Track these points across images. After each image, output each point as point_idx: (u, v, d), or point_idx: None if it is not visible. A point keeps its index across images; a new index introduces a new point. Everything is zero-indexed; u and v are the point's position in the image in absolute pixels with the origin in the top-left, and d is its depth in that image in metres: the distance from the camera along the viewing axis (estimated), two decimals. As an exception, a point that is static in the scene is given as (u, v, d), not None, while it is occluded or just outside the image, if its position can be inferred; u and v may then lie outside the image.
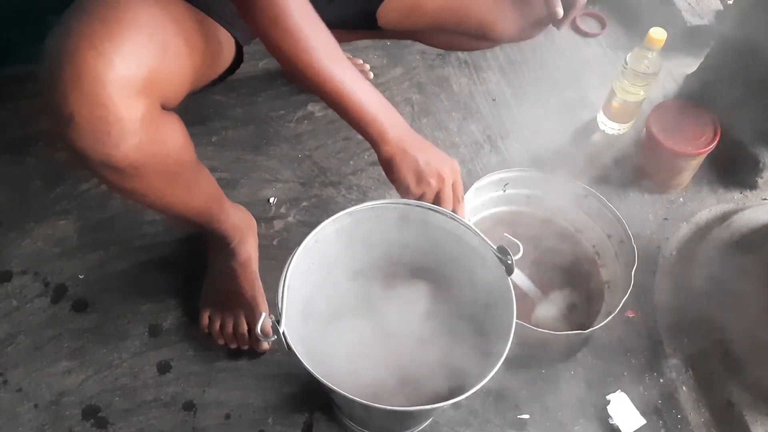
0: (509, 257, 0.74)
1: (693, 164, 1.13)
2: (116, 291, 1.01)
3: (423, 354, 0.89)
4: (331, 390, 0.67)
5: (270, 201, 1.12)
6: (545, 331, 0.85)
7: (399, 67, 1.34)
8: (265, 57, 1.31)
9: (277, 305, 0.70)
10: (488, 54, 1.38)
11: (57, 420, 0.89)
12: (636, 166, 1.18)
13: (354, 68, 0.71)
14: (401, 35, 1.05)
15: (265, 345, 0.95)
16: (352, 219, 0.79)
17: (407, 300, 0.85)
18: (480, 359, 0.76)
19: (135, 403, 0.91)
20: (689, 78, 1.28)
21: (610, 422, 0.92)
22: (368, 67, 1.31)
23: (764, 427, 0.90)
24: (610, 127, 1.25)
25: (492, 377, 0.69)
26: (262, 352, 0.95)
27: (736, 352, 0.96)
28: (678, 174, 1.15)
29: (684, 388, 0.96)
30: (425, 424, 0.90)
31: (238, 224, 0.96)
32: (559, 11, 0.85)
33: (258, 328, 0.69)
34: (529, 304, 0.95)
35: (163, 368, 0.94)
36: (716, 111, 1.12)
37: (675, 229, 1.12)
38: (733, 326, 0.97)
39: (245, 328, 0.94)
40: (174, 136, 0.73)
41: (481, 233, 0.78)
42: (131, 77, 0.62)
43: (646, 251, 1.07)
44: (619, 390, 0.95)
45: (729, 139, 1.12)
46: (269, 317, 0.69)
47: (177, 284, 1.02)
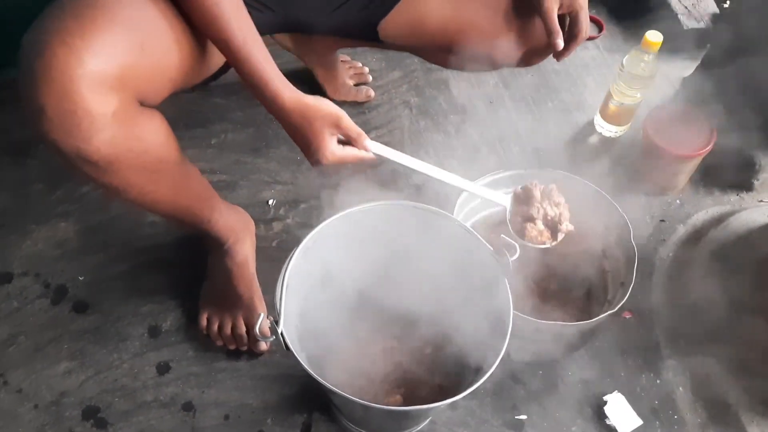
0: (506, 258, 0.75)
1: (689, 166, 1.14)
2: (116, 292, 1.01)
3: (421, 354, 0.90)
4: (330, 390, 0.68)
5: (269, 203, 1.13)
6: (543, 322, 0.85)
7: (398, 71, 1.35)
8: (265, 60, 1.32)
9: (276, 306, 0.71)
10: (486, 57, 1.39)
11: (57, 421, 0.90)
12: (633, 169, 1.18)
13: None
14: (402, 49, 1.06)
15: (264, 346, 0.95)
16: (351, 220, 0.80)
17: (405, 300, 0.86)
18: (477, 358, 0.76)
19: (135, 404, 0.92)
20: (686, 81, 1.29)
21: (608, 423, 0.92)
22: (367, 70, 1.31)
23: (760, 428, 0.91)
24: (608, 130, 1.25)
25: (489, 377, 0.69)
26: (261, 353, 0.96)
27: (733, 354, 0.96)
28: (675, 176, 1.15)
29: (681, 389, 0.96)
30: (423, 425, 0.90)
31: (233, 225, 0.97)
32: (560, 43, 0.85)
33: (257, 329, 0.70)
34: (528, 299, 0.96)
35: (163, 369, 0.95)
36: (712, 113, 1.12)
37: (672, 231, 1.13)
38: (730, 328, 0.98)
39: (243, 329, 0.94)
40: (153, 133, 0.73)
41: (479, 234, 0.79)
42: (101, 73, 0.63)
43: (643, 253, 1.07)
44: (617, 391, 0.95)
45: (725, 142, 1.12)
46: (268, 318, 0.69)
47: (177, 286, 1.02)
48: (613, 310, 0.86)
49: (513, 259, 0.75)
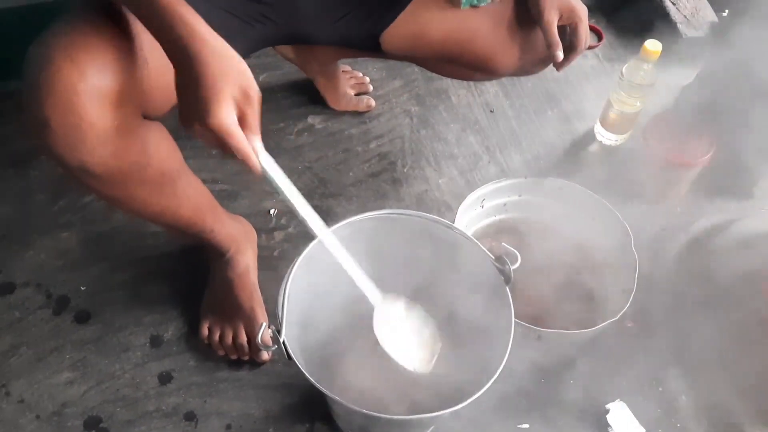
0: (507, 266, 0.75)
1: (690, 174, 1.14)
2: (118, 302, 1.01)
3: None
4: (332, 399, 0.68)
5: (271, 212, 1.13)
6: (544, 330, 0.85)
7: (398, 80, 1.36)
8: (266, 71, 1.32)
9: (278, 315, 0.71)
10: (486, 66, 1.39)
11: (59, 431, 0.90)
12: (633, 177, 1.19)
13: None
14: (403, 59, 1.07)
15: (266, 355, 0.95)
16: (352, 230, 0.80)
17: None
18: (479, 367, 0.76)
19: (136, 414, 0.92)
20: (685, 89, 1.29)
21: None
22: (368, 80, 1.32)
23: (763, 436, 0.91)
24: (608, 138, 1.26)
25: (492, 386, 0.69)
26: (263, 363, 0.96)
27: (736, 362, 0.96)
28: (675, 184, 1.16)
29: (684, 398, 0.96)
30: (425, 434, 0.90)
31: (234, 234, 0.97)
32: (560, 54, 0.86)
33: (258, 339, 0.70)
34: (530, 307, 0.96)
35: (165, 379, 0.95)
36: (712, 122, 1.13)
37: (672, 239, 1.13)
38: (733, 335, 0.97)
39: (244, 339, 0.94)
40: (156, 146, 0.74)
41: (479, 243, 0.79)
42: (105, 87, 0.63)
43: (645, 261, 1.07)
44: (619, 399, 0.95)
45: (725, 150, 1.13)
46: (269, 327, 0.69)
47: (179, 295, 1.02)
48: (615, 319, 0.86)
49: (514, 268, 0.75)
